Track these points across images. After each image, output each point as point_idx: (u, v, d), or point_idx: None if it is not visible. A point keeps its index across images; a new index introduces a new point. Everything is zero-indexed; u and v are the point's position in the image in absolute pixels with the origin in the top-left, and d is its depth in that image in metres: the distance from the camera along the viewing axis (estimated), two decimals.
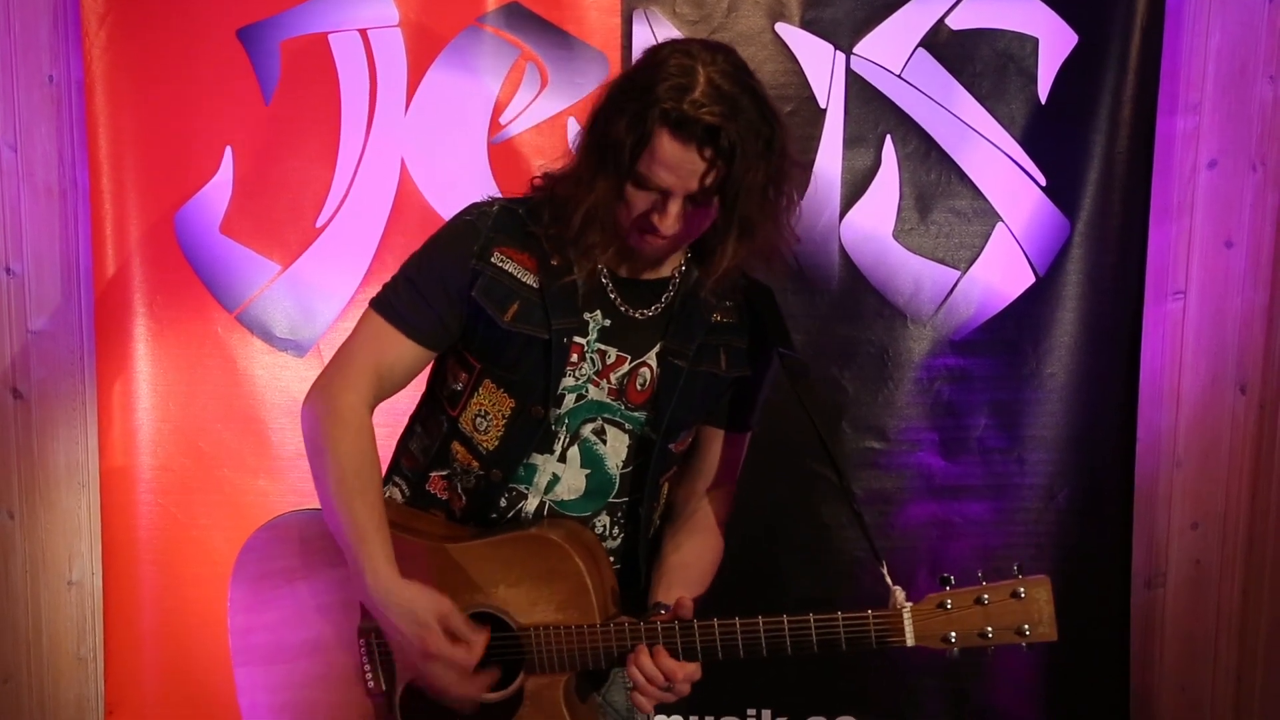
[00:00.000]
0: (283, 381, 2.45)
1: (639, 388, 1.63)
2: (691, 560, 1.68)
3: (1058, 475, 2.46)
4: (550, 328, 1.58)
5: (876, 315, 2.44)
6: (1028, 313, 2.43)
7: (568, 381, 1.60)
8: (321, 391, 1.61)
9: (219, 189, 2.43)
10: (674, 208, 1.48)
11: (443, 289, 1.59)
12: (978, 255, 2.43)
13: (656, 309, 1.63)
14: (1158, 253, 2.49)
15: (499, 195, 1.67)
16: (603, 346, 1.61)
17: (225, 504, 2.47)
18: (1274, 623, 2.54)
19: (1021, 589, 1.47)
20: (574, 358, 1.60)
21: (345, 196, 2.43)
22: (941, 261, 2.43)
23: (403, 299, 1.61)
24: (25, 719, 2.61)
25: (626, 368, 1.63)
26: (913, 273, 2.43)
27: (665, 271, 1.65)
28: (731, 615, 1.52)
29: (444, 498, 1.70)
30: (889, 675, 2.50)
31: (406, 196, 2.42)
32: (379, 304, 1.63)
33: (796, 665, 2.44)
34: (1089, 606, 2.48)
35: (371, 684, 1.63)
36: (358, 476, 1.57)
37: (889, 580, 1.51)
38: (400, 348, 1.61)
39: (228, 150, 2.42)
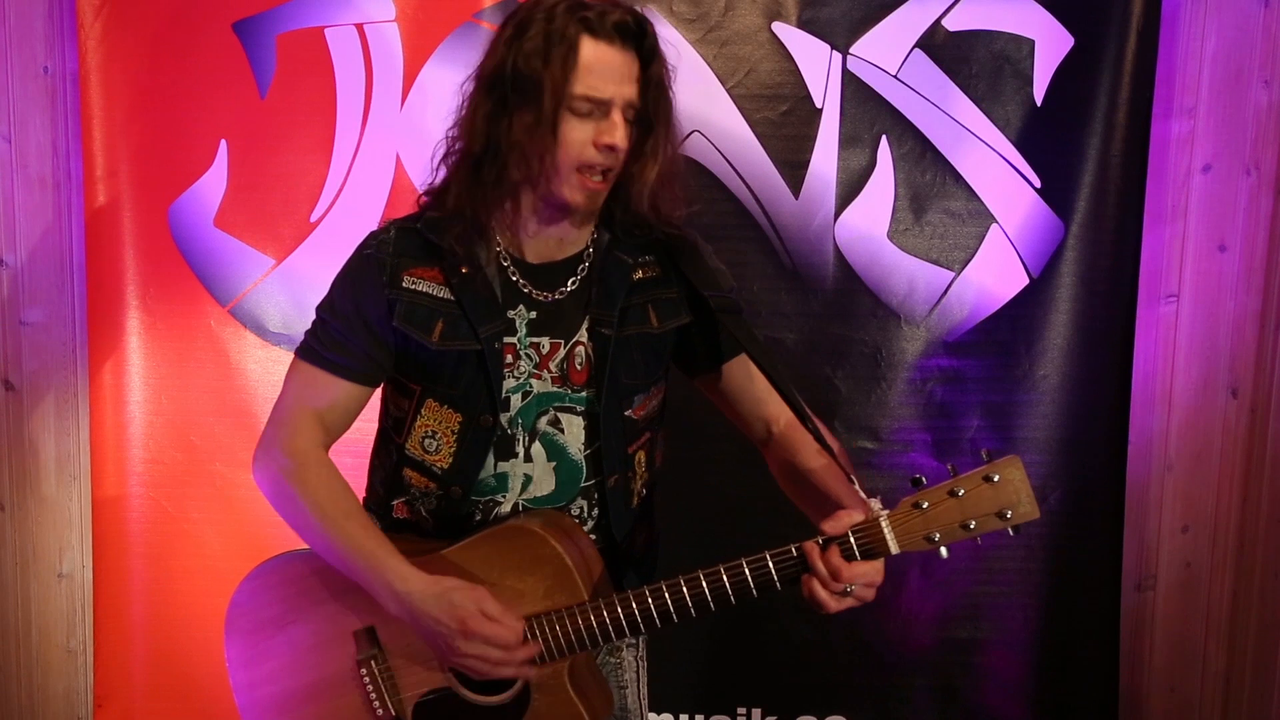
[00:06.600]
0: (275, 376, 2.44)
1: (578, 367, 1.62)
2: (826, 459, 1.61)
3: (1050, 477, 2.47)
4: (479, 336, 1.56)
5: (870, 315, 2.45)
6: (1021, 314, 2.44)
7: (509, 383, 1.59)
8: (270, 448, 1.61)
9: (213, 182, 2.42)
10: (617, 116, 1.49)
11: (363, 324, 1.58)
12: (972, 256, 2.43)
13: (574, 283, 1.62)
14: (1151, 256, 2.49)
15: (392, 218, 1.65)
16: (534, 339, 1.60)
17: (217, 498, 2.47)
18: (1263, 625, 2.55)
19: (994, 473, 1.41)
20: (509, 359, 1.59)
21: (340, 191, 2.43)
22: (936, 262, 2.44)
23: (324, 342, 1.60)
24: (14, 711, 2.60)
25: (563, 352, 1.61)
26: (907, 273, 2.44)
27: (577, 246, 1.63)
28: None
29: (413, 520, 1.69)
30: (879, 673, 2.51)
31: (401, 192, 2.42)
32: (303, 352, 1.62)
33: (787, 664, 2.49)
34: (1079, 608, 2.49)
35: (380, 712, 1.61)
36: (336, 504, 1.57)
37: (862, 494, 1.48)
38: (334, 390, 1.60)
39: (222, 144, 2.41)
